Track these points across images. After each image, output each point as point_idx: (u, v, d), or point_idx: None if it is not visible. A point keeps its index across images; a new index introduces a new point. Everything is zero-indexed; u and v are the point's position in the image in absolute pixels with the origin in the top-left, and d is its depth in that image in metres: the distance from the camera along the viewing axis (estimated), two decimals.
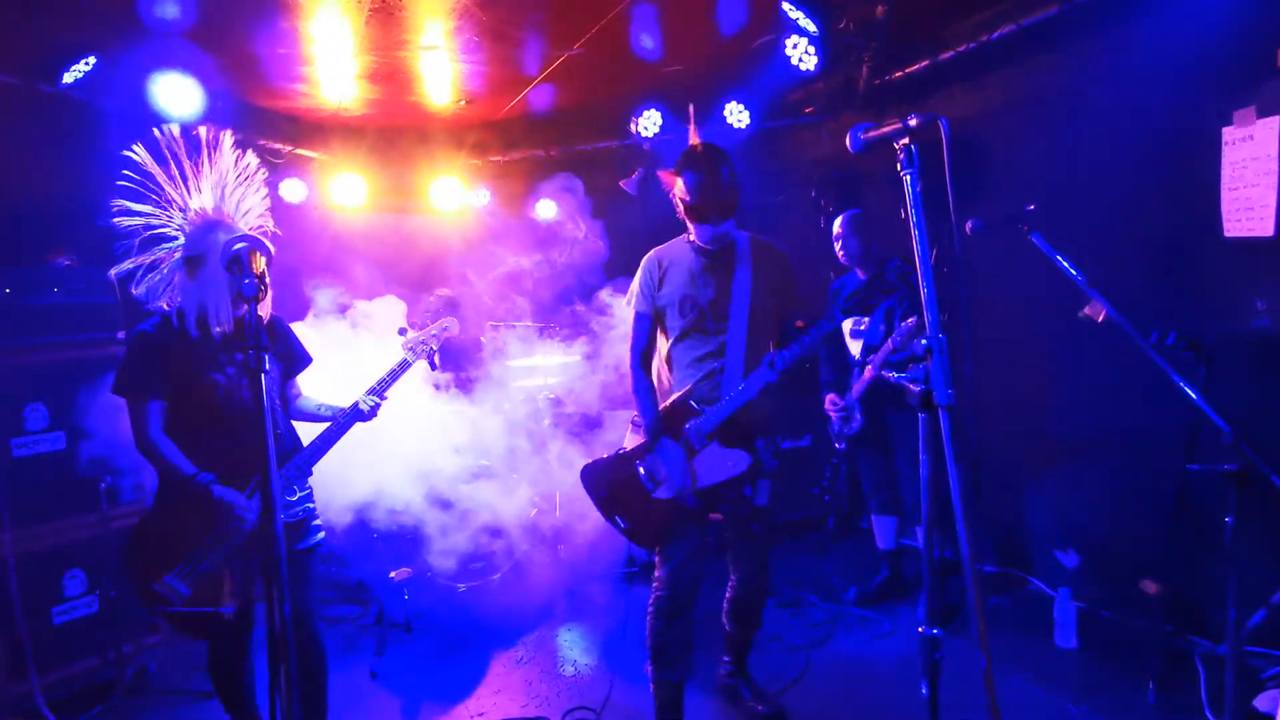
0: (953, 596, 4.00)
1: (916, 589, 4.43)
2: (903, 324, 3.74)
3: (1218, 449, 2.23)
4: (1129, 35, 3.62)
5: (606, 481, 3.00)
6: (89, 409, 3.44)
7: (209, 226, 2.62)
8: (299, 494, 2.77)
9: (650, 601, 2.93)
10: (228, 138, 2.71)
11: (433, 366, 3.38)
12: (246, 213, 2.77)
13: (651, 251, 2.99)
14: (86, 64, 3.92)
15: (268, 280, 1.34)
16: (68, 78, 3.92)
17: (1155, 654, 3.24)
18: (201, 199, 2.67)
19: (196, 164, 2.66)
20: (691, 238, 2.89)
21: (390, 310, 4.18)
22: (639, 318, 2.99)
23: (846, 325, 4.21)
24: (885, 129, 1.55)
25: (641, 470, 2.89)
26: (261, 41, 4.06)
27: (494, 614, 4.21)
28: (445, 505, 4.28)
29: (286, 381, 2.93)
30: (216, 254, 2.46)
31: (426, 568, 4.18)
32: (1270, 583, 3.01)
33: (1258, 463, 2.11)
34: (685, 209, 2.77)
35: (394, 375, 3.10)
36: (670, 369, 2.95)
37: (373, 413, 2.95)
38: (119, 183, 2.61)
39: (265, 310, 2.65)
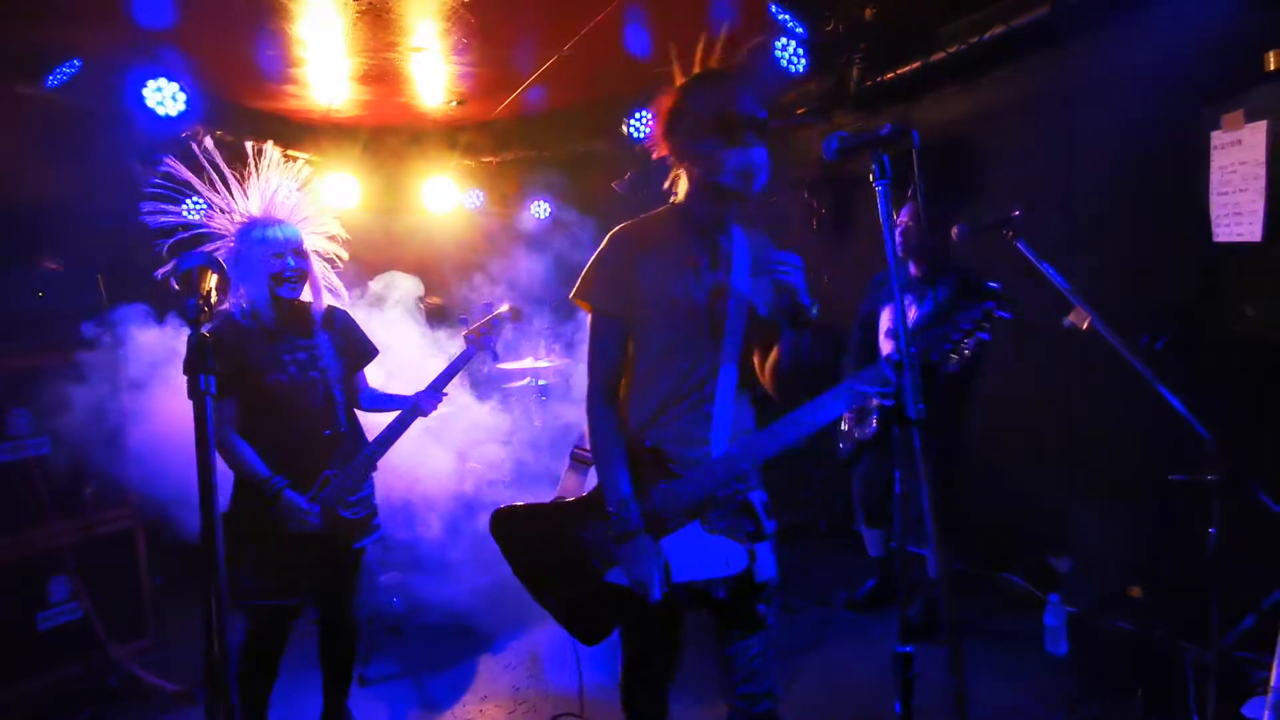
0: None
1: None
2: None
3: (1203, 456, 2.21)
4: (1119, 37, 3.61)
5: (532, 543, 2.18)
6: (73, 414, 3.43)
7: (249, 225, 2.67)
8: (361, 494, 2.81)
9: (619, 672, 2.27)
10: (273, 150, 2.80)
11: (494, 358, 3.24)
12: (304, 219, 2.83)
13: (619, 228, 2.06)
14: (70, 67, 3.90)
15: (213, 301, 1.36)
16: (52, 80, 3.90)
17: (1145, 661, 3.23)
18: (248, 204, 2.74)
19: (231, 171, 2.73)
20: (680, 199, 2.04)
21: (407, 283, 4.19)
22: (603, 324, 2.03)
23: (884, 319, 3.90)
24: (859, 138, 1.53)
25: (587, 539, 2.07)
26: (249, 43, 4.04)
27: (483, 618, 4.18)
28: (435, 509, 4.27)
29: (354, 375, 2.92)
30: (257, 254, 2.60)
31: (417, 571, 4.17)
32: (1259, 586, 3.00)
33: (1241, 472, 2.10)
34: (691, 136, 1.93)
35: (454, 367, 3.03)
36: (632, 394, 2.06)
37: (433, 407, 2.95)
38: (149, 189, 2.67)
39: (323, 302, 2.79)
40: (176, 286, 1.38)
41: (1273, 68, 2.74)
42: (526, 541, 2.18)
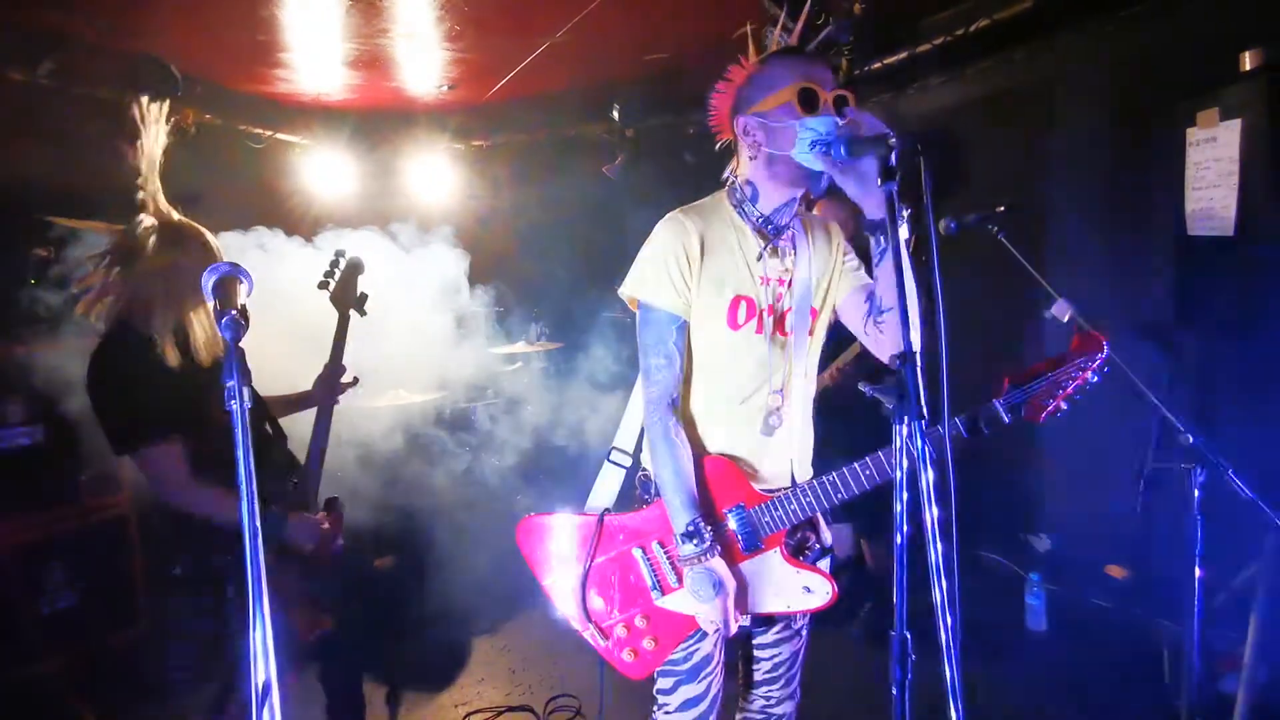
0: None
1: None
2: None
3: (1183, 448, 2.31)
4: (1101, 33, 3.68)
5: (569, 558, 1.96)
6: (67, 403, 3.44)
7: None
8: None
9: None
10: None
11: (362, 313, 2.87)
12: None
13: (675, 214, 1.85)
14: (59, 51, 3.86)
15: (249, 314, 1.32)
16: (41, 67, 3.86)
17: (1123, 638, 3.36)
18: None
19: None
20: (741, 190, 1.85)
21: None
22: (664, 322, 1.81)
23: None
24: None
25: (644, 560, 1.91)
26: (240, 27, 4.01)
27: (479, 601, 4.25)
28: (426, 492, 4.32)
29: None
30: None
31: (411, 554, 4.22)
32: (1232, 563, 3.12)
33: (1217, 463, 2.20)
34: (765, 109, 1.74)
35: (341, 337, 2.78)
36: (693, 410, 1.90)
37: (339, 388, 2.76)
38: None
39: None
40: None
41: (1248, 67, 2.82)
42: (561, 556, 1.97)
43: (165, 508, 2.28)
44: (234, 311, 1.30)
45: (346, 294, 2.80)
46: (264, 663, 1.09)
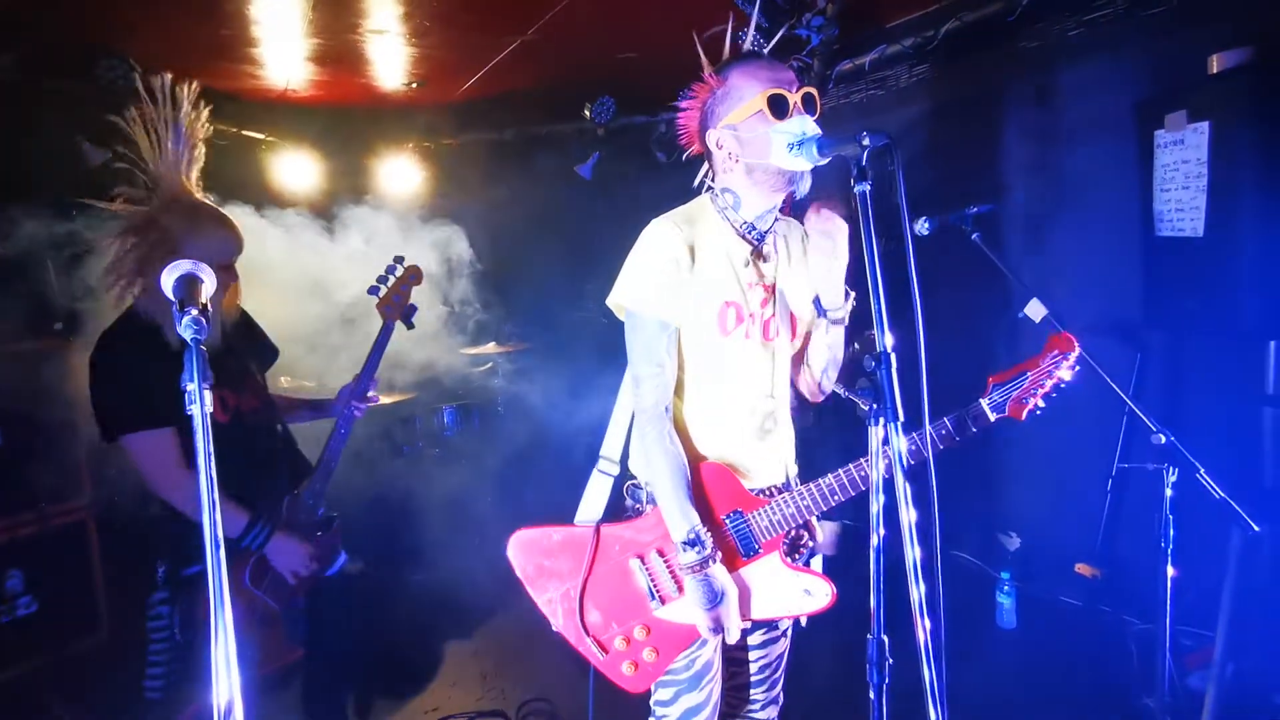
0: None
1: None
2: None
3: (1154, 448, 2.33)
4: (1070, 35, 3.72)
5: (564, 571, 1.91)
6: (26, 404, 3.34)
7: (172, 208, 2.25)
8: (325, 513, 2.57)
9: None
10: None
11: (409, 325, 2.79)
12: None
13: (663, 219, 1.82)
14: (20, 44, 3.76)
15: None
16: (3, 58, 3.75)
17: (1093, 636, 3.39)
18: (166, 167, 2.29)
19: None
20: (722, 198, 1.84)
21: None
22: (655, 330, 1.79)
23: None
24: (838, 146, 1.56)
25: (641, 570, 1.87)
26: (204, 22, 3.92)
27: (450, 605, 4.20)
28: (398, 496, 4.27)
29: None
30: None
31: (380, 558, 4.15)
32: (1198, 560, 3.17)
33: (1190, 462, 2.22)
34: (736, 119, 1.74)
35: (380, 348, 2.63)
36: (686, 417, 1.88)
37: (367, 402, 2.65)
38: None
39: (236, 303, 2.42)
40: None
41: (1215, 70, 2.86)
42: (555, 570, 1.92)
43: (146, 506, 2.23)
44: (194, 310, 1.20)
45: (397, 303, 2.69)
46: (226, 680, 1.04)
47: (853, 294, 1.82)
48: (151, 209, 2.24)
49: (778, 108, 1.69)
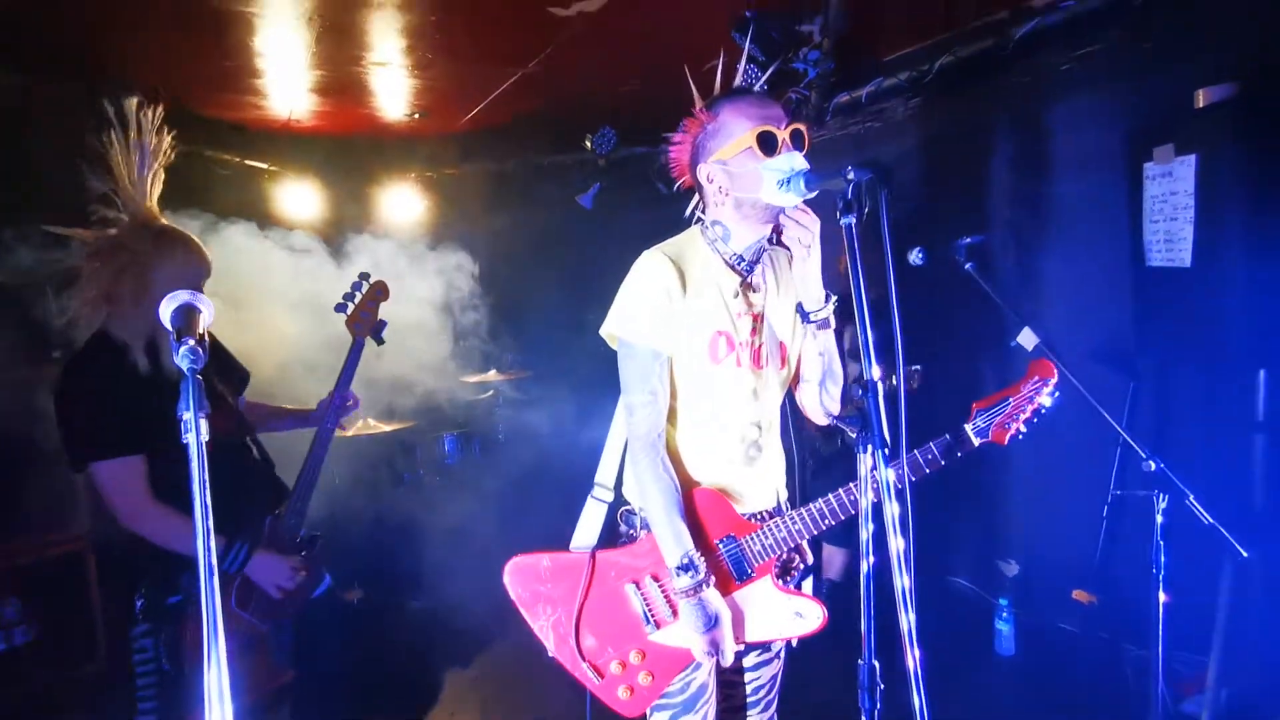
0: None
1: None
2: None
3: (1145, 474, 2.35)
4: (1061, 70, 3.79)
5: (561, 598, 1.92)
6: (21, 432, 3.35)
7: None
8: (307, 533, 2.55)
9: None
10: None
11: (379, 341, 2.82)
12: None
13: (654, 250, 1.86)
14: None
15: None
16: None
17: (1090, 662, 3.38)
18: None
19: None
20: (712, 230, 1.87)
21: None
22: (647, 359, 1.82)
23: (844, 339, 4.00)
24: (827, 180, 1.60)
25: (636, 595, 1.89)
26: (210, 53, 4.00)
27: (450, 631, 4.19)
28: (399, 522, 4.27)
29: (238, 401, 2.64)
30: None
31: (380, 586, 4.16)
32: (1191, 585, 3.17)
33: (1180, 489, 2.24)
34: (726, 155, 1.77)
35: (352, 364, 2.67)
36: (678, 444, 1.91)
37: (342, 414, 2.66)
38: None
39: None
40: None
41: (1202, 104, 2.91)
42: (551, 596, 1.93)
43: (122, 533, 2.16)
44: (191, 340, 1.20)
45: (365, 319, 2.72)
46: (219, 709, 1.05)
47: (834, 296, 1.84)
48: (120, 233, 2.24)
49: (767, 144, 1.72)
